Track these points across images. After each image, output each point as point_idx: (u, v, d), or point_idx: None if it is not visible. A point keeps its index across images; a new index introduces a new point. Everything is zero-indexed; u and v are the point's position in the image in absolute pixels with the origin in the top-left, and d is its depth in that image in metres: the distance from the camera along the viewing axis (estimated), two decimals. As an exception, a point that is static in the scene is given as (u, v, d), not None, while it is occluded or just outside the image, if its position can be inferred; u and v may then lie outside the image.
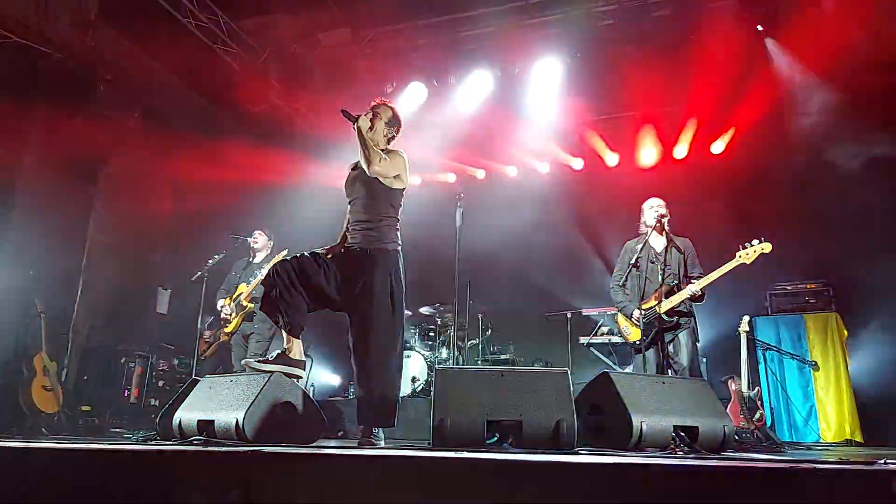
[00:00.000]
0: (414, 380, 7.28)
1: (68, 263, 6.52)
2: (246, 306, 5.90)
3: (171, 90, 7.49)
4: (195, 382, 3.88)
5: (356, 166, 3.79)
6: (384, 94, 7.88)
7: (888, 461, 1.74)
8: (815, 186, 7.04)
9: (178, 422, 3.55)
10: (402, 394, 7.17)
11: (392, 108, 3.85)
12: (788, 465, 1.76)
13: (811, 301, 6.51)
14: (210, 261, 6.01)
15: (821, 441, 5.99)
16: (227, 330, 6.02)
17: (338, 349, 8.76)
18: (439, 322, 7.89)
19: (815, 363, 6.22)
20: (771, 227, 4.75)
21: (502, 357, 7.83)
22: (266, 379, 3.36)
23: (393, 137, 3.87)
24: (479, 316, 7.81)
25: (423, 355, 7.52)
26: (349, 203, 3.82)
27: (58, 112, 6.01)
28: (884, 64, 6.26)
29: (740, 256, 4.61)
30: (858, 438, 5.89)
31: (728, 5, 6.52)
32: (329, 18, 7.04)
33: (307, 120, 8.01)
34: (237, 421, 3.14)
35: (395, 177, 3.67)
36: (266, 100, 7.70)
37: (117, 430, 5.95)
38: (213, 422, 3.31)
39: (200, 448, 2.58)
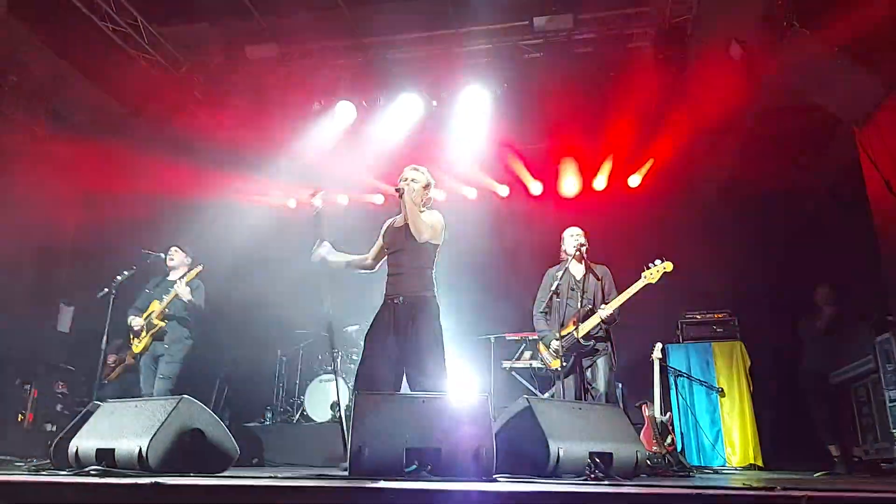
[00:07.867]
0: (333, 406, 7.10)
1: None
2: (157, 325, 5.60)
3: (84, 95, 7.10)
4: (96, 407, 3.65)
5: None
6: (312, 111, 7.77)
7: (785, 487, 1.84)
8: (722, 220, 7.48)
9: (74, 450, 3.31)
10: (321, 420, 7.08)
11: (425, 173, 4.15)
12: (697, 490, 1.83)
13: (718, 330, 6.84)
14: (119, 277, 5.66)
15: (726, 465, 6.26)
16: (136, 350, 5.69)
17: (256, 372, 8.44)
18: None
19: (722, 389, 6.52)
20: (683, 259, 4.97)
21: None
22: (174, 404, 3.19)
23: (429, 199, 4.19)
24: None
25: (345, 380, 7.35)
26: (389, 253, 4.11)
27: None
28: (780, 110, 6.80)
29: (645, 277, 4.83)
30: (760, 463, 6.20)
31: (645, 46, 6.86)
32: (255, 32, 6.89)
33: (229, 134, 7.76)
34: (140, 449, 2.96)
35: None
36: (187, 111, 7.42)
37: (6, 457, 5.47)
38: (113, 450, 3.10)
39: (98, 479, 2.40)
